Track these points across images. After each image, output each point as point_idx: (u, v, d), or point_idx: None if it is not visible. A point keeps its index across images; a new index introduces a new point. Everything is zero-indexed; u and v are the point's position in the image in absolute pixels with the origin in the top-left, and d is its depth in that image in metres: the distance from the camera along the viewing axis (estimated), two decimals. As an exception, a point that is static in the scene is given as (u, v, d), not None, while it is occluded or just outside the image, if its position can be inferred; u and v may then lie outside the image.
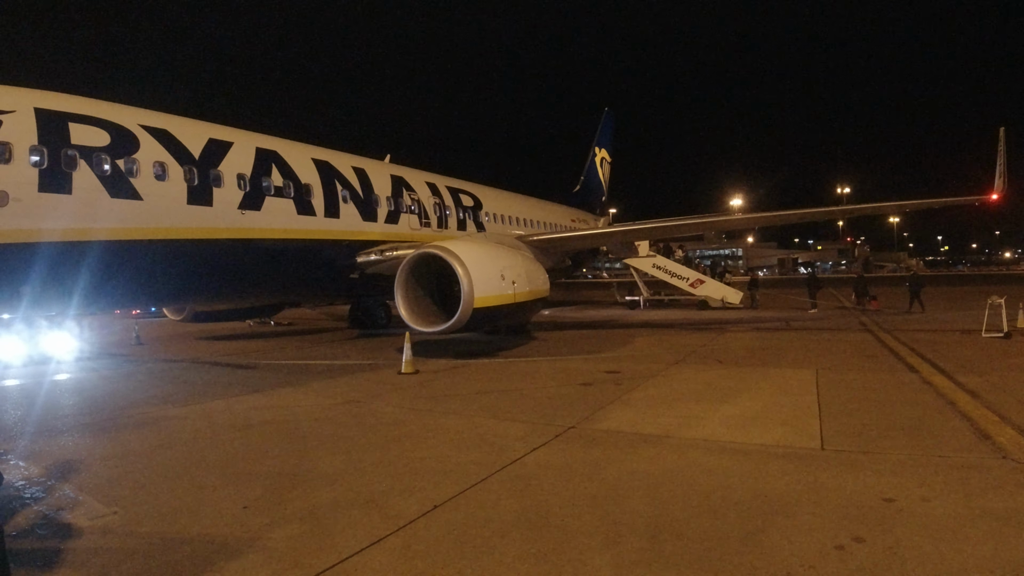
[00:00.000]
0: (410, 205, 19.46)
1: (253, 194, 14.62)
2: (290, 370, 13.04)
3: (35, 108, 11.49)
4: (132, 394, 10.81)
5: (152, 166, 12.70)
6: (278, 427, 8.06)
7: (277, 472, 6.13)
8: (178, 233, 12.97)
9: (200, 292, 15.48)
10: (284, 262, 15.60)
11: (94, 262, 11.82)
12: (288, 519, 4.88)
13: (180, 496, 5.51)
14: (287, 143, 16.80)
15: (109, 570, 4.10)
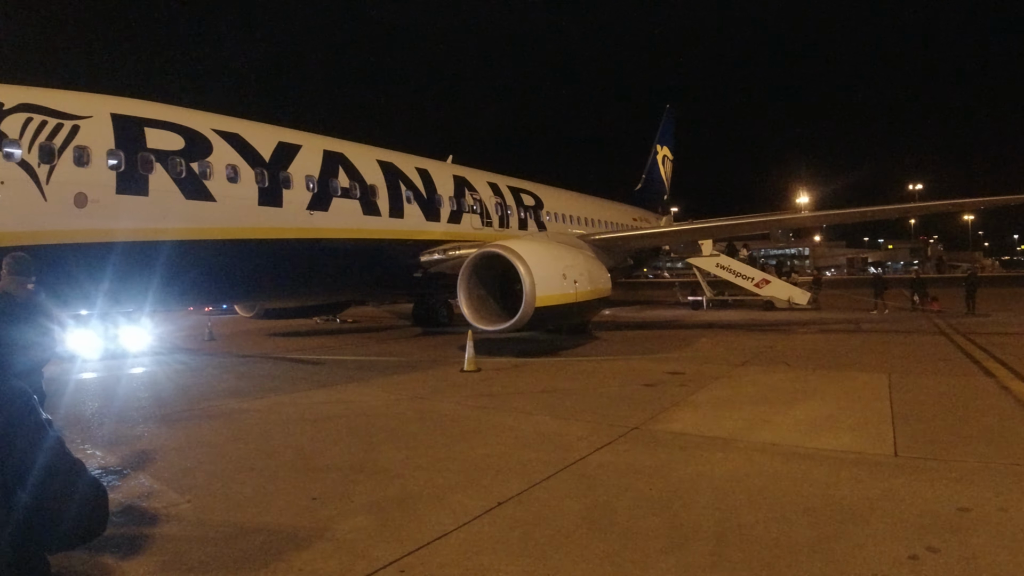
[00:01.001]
0: (472, 205, 19.63)
1: (321, 195, 15.00)
2: (356, 366, 13.31)
3: (112, 114, 12.02)
4: (205, 387, 11.20)
5: (225, 169, 13.17)
6: (345, 421, 8.25)
7: (344, 465, 6.27)
8: (249, 233, 13.41)
9: (270, 290, 15.99)
10: (350, 261, 15.97)
11: (169, 261, 12.29)
12: (355, 511, 4.98)
13: (251, 486, 5.68)
14: (353, 145, 17.17)
15: (184, 556, 4.25)
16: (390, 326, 23.97)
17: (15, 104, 11.07)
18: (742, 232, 32.26)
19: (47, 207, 10.95)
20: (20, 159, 10.78)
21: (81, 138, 11.41)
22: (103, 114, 11.94)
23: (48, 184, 10.99)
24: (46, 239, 10.64)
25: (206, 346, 18.00)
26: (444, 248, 17.72)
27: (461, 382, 10.98)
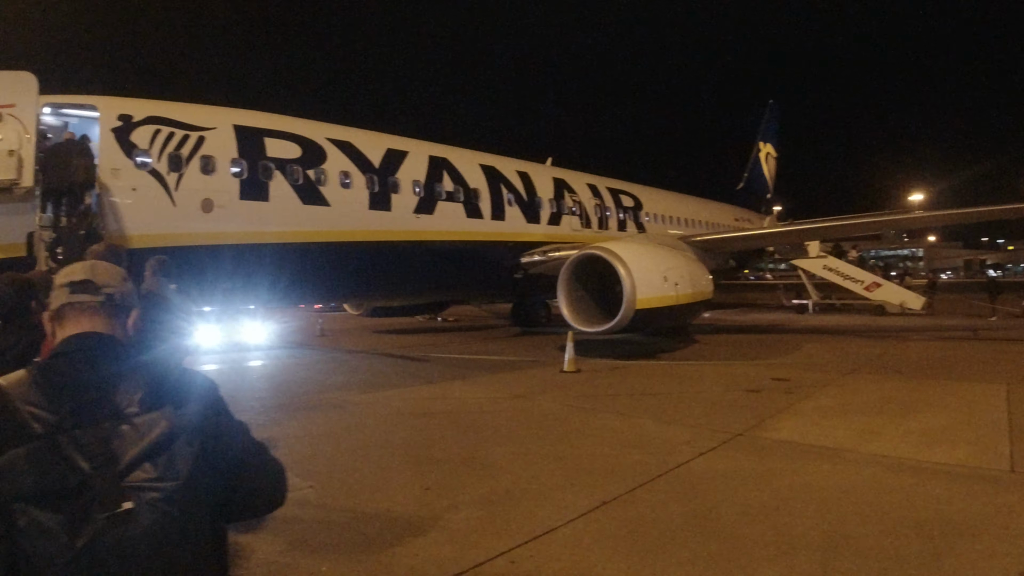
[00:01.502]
0: (571, 207, 19.77)
1: (427, 199, 15.55)
2: (459, 364, 13.70)
3: (234, 125, 12.92)
4: (319, 380, 11.83)
5: (338, 175, 13.89)
6: (451, 417, 8.58)
7: (453, 458, 6.56)
8: (360, 236, 14.10)
9: (377, 289, 16.69)
10: (454, 262, 16.45)
11: (286, 262, 13.11)
12: (466, 503, 5.24)
13: (367, 475, 6.04)
14: (456, 150, 17.66)
15: (307, 538, 4.61)
16: (489, 325, 24.41)
17: (144, 117, 12.03)
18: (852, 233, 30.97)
19: (176, 212, 11.85)
20: (151, 168, 11.72)
21: (207, 148, 12.32)
22: (226, 125, 12.84)
23: (177, 191, 11.90)
24: (175, 241, 11.50)
25: (318, 341, 18.90)
26: (544, 250, 17.95)
27: (562, 382, 11.15)
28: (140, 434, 1.43)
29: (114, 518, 1.35)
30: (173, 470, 1.43)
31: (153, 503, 1.39)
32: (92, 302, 1.57)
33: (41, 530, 1.32)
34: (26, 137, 10.19)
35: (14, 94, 10.38)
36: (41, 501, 1.34)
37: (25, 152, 10.12)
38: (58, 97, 11.76)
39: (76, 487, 1.35)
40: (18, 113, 10.28)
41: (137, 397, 1.47)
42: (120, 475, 1.39)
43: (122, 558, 1.34)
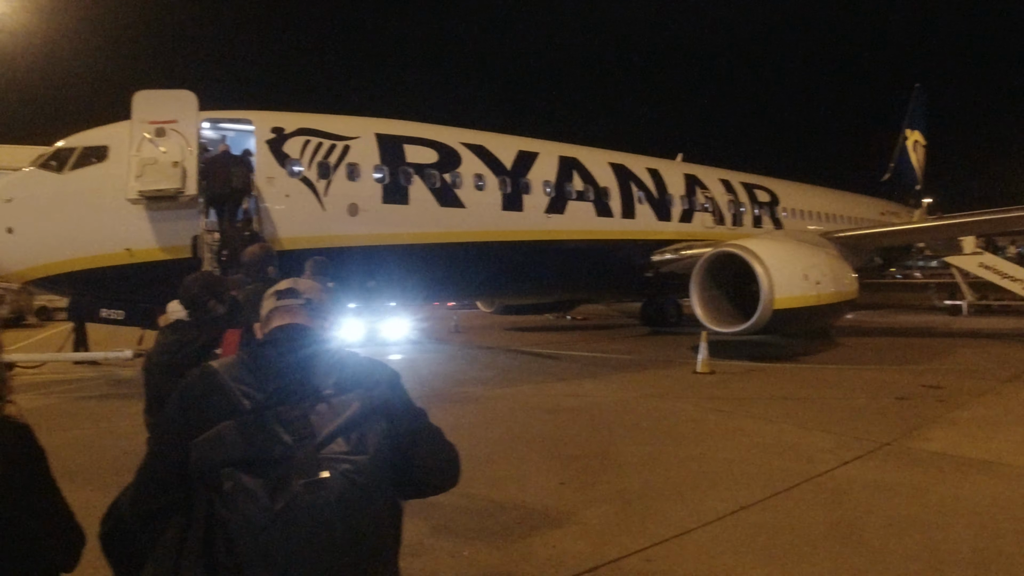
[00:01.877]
0: (703, 203, 19.36)
1: (557, 199, 15.75)
2: (589, 362, 13.80)
3: (376, 133, 13.71)
4: (455, 374, 12.29)
5: (472, 178, 14.38)
6: (584, 414, 8.70)
7: (588, 455, 6.69)
8: (493, 236, 14.52)
9: (509, 288, 17.11)
10: (584, 261, 16.57)
11: (424, 261, 13.79)
12: (601, 499, 5.35)
13: (505, 467, 6.27)
14: (586, 149, 17.75)
15: (449, 523, 4.87)
16: (618, 324, 24.31)
17: (295, 129, 13.01)
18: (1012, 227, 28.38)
19: (325, 216, 12.72)
20: (302, 176, 12.62)
21: (352, 156, 13.15)
22: (369, 134, 13.66)
23: (326, 196, 12.75)
24: (324, 243, 12.30)
25: (453, 337, 19.54)
26: (675, 248, 17.69)
27: (695, 383, 11.02)
28: (335, 412, 1.65)
29: (311, 485, 1.55)
30: (363, 445, 1.64)
31: (345, 474, 1.59)
32: (294, 304, 1.83)
33: (245, 493, 1.54)
34: (188, 150, 11.25)
35: (176, 111, 11.50)
36: (247, 467, 1.56)
37: (188, 163, 11.16)
38: (216, 112, 12.88)
39: (278, 456, 1.57)
40: (180, 128, 11.37)
41: (332, 380, 1.71)
42: (317, 447, 1.60)
43: (314, 521, 1.54)
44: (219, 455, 1.57)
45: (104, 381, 12.64)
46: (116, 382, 12.43)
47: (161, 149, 11.05)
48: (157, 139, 11.13)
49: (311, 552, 1.54)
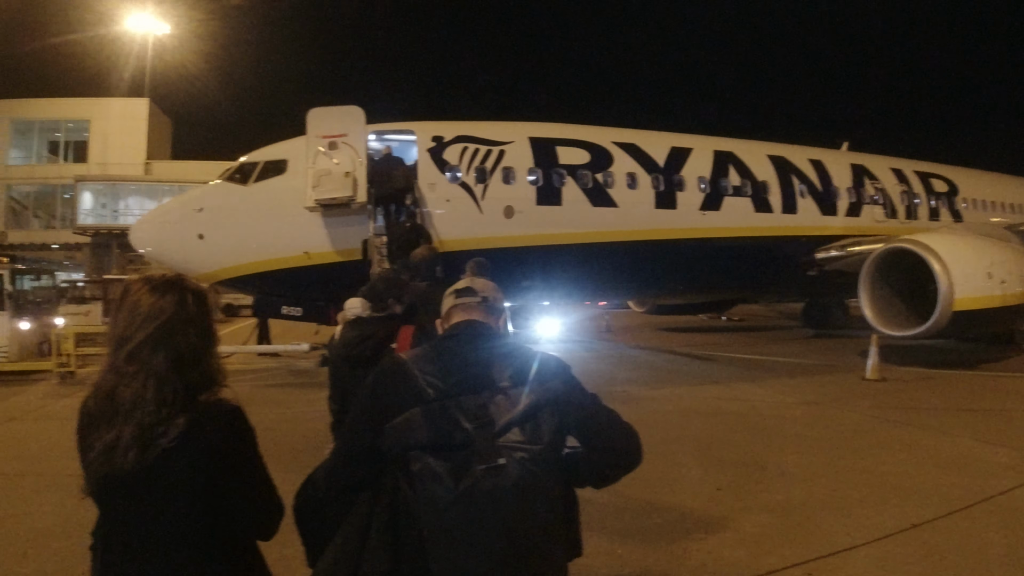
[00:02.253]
0: (873, 195, 18.06)
1: (712, 195, 15.33)
2: (746, 365, 13.40)
3: (529, 137, 14.01)
4: (607, 374, 12.34)
5: (624, 177, 14.33)
6: (742, 419, 8.49)
7: (745, 462, 6.54)
8: (646, 235, 14.39)
9: (663, 287, 16.89)
10: (741, 259, 15.99)
11: (577, 261, 13.93)
12: (759, 508, 5.23)
13: (660, 469, 6.18)
14: (742, 142, 17.12)
15: (604, 521, 4.93)
16: (778, 326, 23.36)
17: (453, 136, 13.62)
18: None
19: (483, 219, 13.21)
20: (461, 181, 13.19)
21: (507, 160, 13.58)
22: (522, 138, 14.02)
23: (483, 200, 13.23)
24: (481, 245, 12.73)
25: (605, 337, 19.58)
26: (842, 244, 16.67)
27: (864, 391, 10.42)
28: (512, 403, 1.76)
29: (489, 470, 1.66)
30: (538, 435, 1.75)
31: (521, 462, 1.69)
32: (472, 302, 2.00)
33: (431, 474, 1.68)
34: (358, 161, 12.11)
35: (346, 125, 12.42)
36: (432, 451, 1.70)
37: (358, 173, 12.01)
38: (381, 125, 13.78)
39: (460, 442, 1.69)
40: (350, 141, 12.26)
41: (508, 373, 1.82)
42: (495, 436, 1.71)
43: (493, 504, 1.66)
44: (408, 439, 1.72)
45: (284, 371, 13.86)
46: (294, 372, 13.62)
47: (334, 161, 11.95)
48: (330, 152, 12.05)
49: (488, 533, 1.66)
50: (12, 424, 8.90)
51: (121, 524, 1.70)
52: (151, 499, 1.66)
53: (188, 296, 1.78)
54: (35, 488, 6.01)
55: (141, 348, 1.68)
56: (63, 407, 9.93)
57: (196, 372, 1.74)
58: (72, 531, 4.71)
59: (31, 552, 4.54)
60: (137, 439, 1.62)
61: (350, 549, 1.82)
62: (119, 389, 1.67)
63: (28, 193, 39.39)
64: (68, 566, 4.22)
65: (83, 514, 5.15)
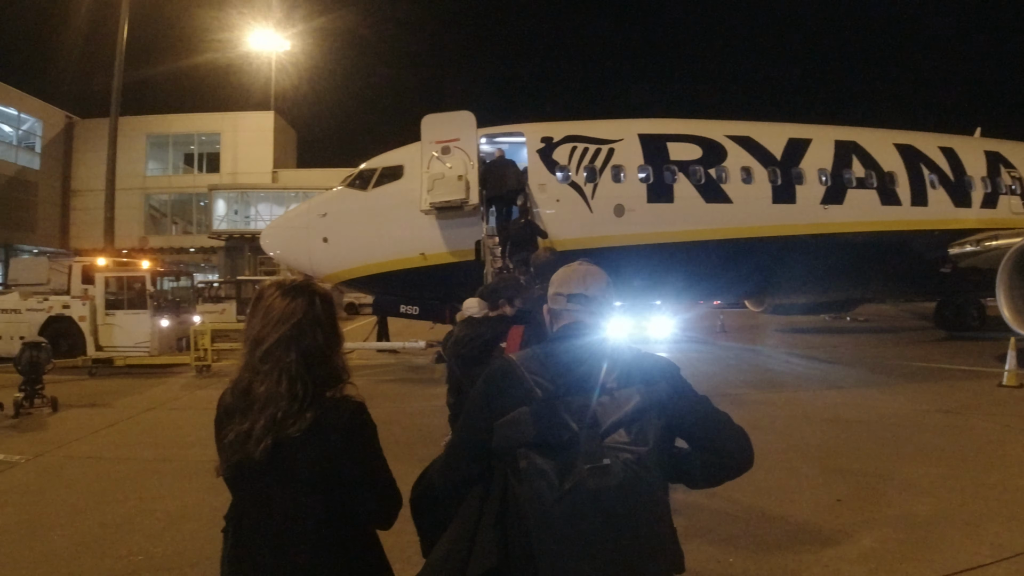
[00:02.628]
0: (1010, 184, 16.69)
1: (834, 188, 14.71)
2: (872, 369, 12.80)
3: (639, 134, 13.92)
4: (722, 376, 12.13)
5: (739, 171, 13.98)
6: (865, 426, 8.17)
7: (869, 472, 6.30)
8: (762, 231, 14.02)
9: (781, 286, 16.30)
10: (866, 255, 15.21)
11: (690, 259, 13.75)
12: (882, 522, 5.05)
13: (776, 477, 6.09)
14: (866, 131, 16.32)
15: (713, 527, 4.93)
16: (907, 327, 22.10)
17: (562, 137, 13.75)
18: None
19: (593, 218, 13.28)
20: (571, 181, 13.30)
21: (616, 158, 13.56)
22: (632, 135, 13.97)
23: (593, 199, 13.29)
24: (592, 244, 12.81)
25: (718, 337, 19.15)
26: (977, 238, 15.55)
27: (1001, 398, 9.76)
28: (617, 404, 1.78)
29: (594, 470, 1.68)
30: (643, 437, 1.76)
31: (626, 463, 1.70)
32: (581, 308, 2.01)
33: (538, 471, 1.71)
34: (470, 164, 12.47)
35: (458, 130, 12.82)
36: (539, 448, 1.73)
37: (471, 176, 12.37)
38: (492, 128, 14.11)
39: (566, 442, 1.72)
40: (462, 145, 12.63)
41: (616, 374, 1.83)
42: (601, 436, 1.73)
43: (597, 504, 1.70)
44: (516, 436, 1.76)
45: (401, 367, 14.43)
46: (412, 368, 14.15)
47: (447, 165, 12.35)
48: (443, 156, 12.46)
49: (593, 533, 1.68)
50: (151, 413, 9.74)
51: (252, 509, 1.88)
52: (280, 486, 1.81)
53: (316, 299, 1.92)
54: (171, 474, 6.60)
55: (275, 347, 1.84)
56: (199, 398, 10.80)
57: (323, 369, 1.89)
58: (204, 514, 5.17)
59: (166, 534, 4.98)
60: (268, 430, 1.78)
61: (461, 542, 1.88)
62: (254, 384, 1.84)
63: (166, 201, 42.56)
64: (200, 547, 4.61)
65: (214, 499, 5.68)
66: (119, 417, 9.30)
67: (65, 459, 7.13)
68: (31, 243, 37.69)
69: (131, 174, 38.15)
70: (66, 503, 5.69)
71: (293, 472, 1.81)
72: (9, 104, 36.92)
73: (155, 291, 14.88)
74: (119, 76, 23.85)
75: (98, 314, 14.33)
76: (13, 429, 8.57)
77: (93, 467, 6.83)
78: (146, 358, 14.14)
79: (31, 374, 9.40)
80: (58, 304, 14.51)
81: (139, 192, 40.37)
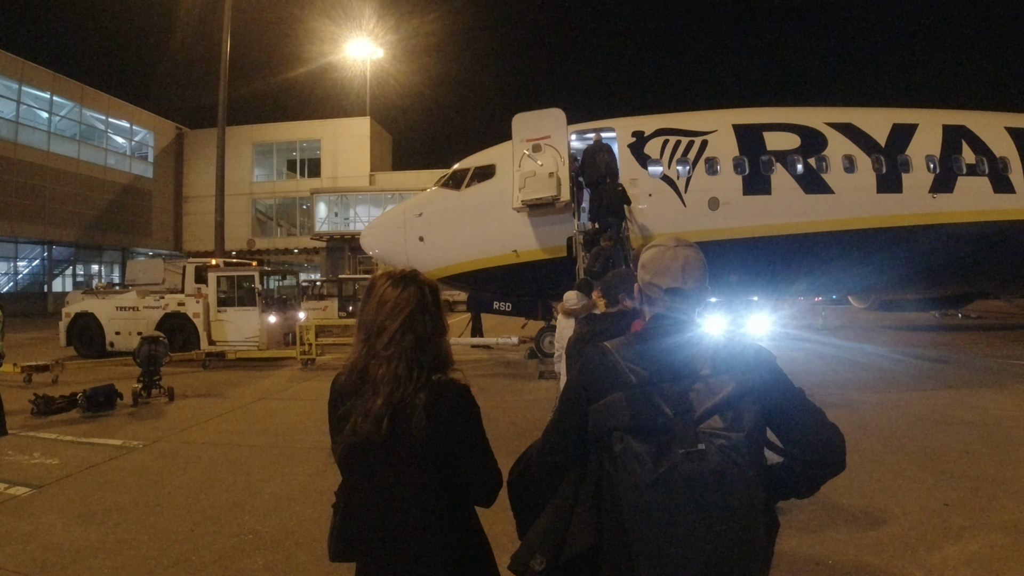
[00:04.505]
0: None
1: (943, 175, 13.95)
2: (985, 369, 12.07)
3: (733, 124, 13.59)
4: (824, 374, 11.68)
5: (840, 160, 13.46)
6: (977, 429, 7.74)
7: (978, 476, 6.01)
8: (866, 223, 13.46)
9: (886, 280, 15.54)
10: (979, 247, 14.31)
11: (788, 253, 13.33)
12: (992, 528, 4.83)
13: (879, 478, 5.93)
14: (975, 114, 15.33)
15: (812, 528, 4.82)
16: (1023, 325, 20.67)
17: (654, 130, 13.59)
18: None
19: (686, 212, 13.09)
20: (663, 174, 13.14)
21: (710, 150, 13.32)
22: (725, 126, 13.66)
23: (686, 192, 13.10)
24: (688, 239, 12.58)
25: (820, 334, 18.48)
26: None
27: None
28: (712, 391, 1.78)
29: (689, 455, 1.71)
30: (738, 424, 1.76)
31: (721, 449, 1.72)
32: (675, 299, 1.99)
33: (633, 455, 1.75)
34: (561, 161, 12.48)
35: (549, 127, 12.87)
36: (634, 432, 1.77)
37: (562, 173, 12.41)
38: (582, 124, 14.09)
39: (660, 426, 1.75)
40: (553, 143, 12.68)
41: (710, 362, 1.84)
42: (696, 422, 1.74)
43: (691, 488, 1.72)
44: (611, 421, 1.80)
45: (494, 363, 14.64)
46: (504, 363, 14.34)
47: (539, 163, 12.45)
48: (534, 154, 12.56)
49: (687, 517, 1.70)
50: (261, 403, 10.28)
51: (364, 485, 1.99)
52: (392, 463, 1.93)
53: (425, 288, 2.05)
54: (279, 459, 6.98)
55: (396, 333, 1.96)
56: (305, 389, 11.33)
57: (431, 354, 2.01)
58: (309, 497, 5.50)
59: (274, 514, 5.26)
60: (386, 409, 1.90)
61: (557, 524, 1.96)
62: (371, 367, 1.97)
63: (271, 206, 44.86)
64: (305, 527, 4.89)
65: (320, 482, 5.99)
66: (231, 406, 9.89)
67: (180, 445, 7.66)
68: (146, 246, 40.55)
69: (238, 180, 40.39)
70: (181, 485, 6.12)
71: (406, 449, 1.91)
72: (121, 117, 39.86)
73: (262, 289, 15.64)
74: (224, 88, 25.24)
75: (211, 311, 15.23)
76: (132, 417, 9.22)
77: (207, 452, 7.31)
78: (255, 352, 14.94)
79: (149, 366, 10.16)
80: (174, 302, 15.51)
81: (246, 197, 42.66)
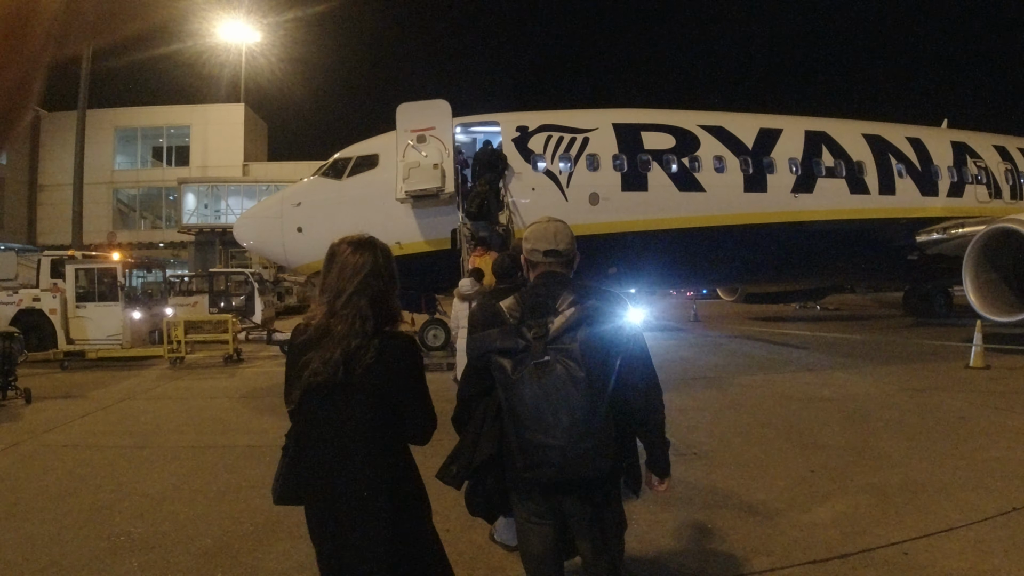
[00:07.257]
0: (976, 174, 17.08)
1: (804, 177, 14.90)
2: (843, 353, 13.03)
3: (613, 123, 13.97)
4: (697, 360, 12.26)
5: (712, 160, 14.10)
6: (837, 405, 8.32)
7: (841, 446, 6.45)
8: (734, 220, 14.16)
9: (753, 275, 16.54)
10: (836, 244, 15.48)
11: (663, 248, 13.81)
12: (855, 490, 5.18)
13: (749, 450, 6.31)
14: (835, 122, 16.52)
15: (696, 497, 5.07)
16: (877, 315, 22.51)
17: (537, 126, 13.75)
18: None
19: (568, 206, 13.26)
20: (546, 169, 13.31)
21: (591, 147, 13.61)
22: (606, 125, 14.01)
23: (568, 187, 13.32)
24: (557, 218, 12.85)
25: (692, 325, 19.35)
26: (944, 226, 15.88)
27: (966, 379, 10.02)
28: (564, 319, 2.30)
29: (538, 364, 2.25)
30: (575, 339, 2.26)
31: (562, 361, 2.24)
32: (554, 261, 2.53)
33: (499, 367, 2.32)
34: (446, 153, 12.39)
35: (434, 118, 12.72)
36: (500, 353, 2.32)
37: (447, 165, 12.30)
38: (467, 117, 14.04)
39: (521, 348, 2.30)
40: (438, 134, 12.56)
41: (567, 301, 2.36)
42: (549, 342, 2.28)
43: (543, 389, 2.23)
44: (486, 346, 2.36)
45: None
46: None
47: (423, 153, 12.29)
48: (419, 145, 12.39)
49: (543, 411, 2.23)
50: (127, 403, 9.58)
51: (315, 423, 2.28)
52: (343, 403, 2.22)
53: (379, 253, 2.34)
54: (149, 459, 6.53)
55: (353, 295, 2.24)
56: (175, 388, 10.68)
57: (384, 310, 2.31)
58: (184, 496, 5.19)
59: (147, 515, 4.92)
60: (343, 357, 2.19)
61: (469, 440, 2.50)
62: (331, 324, 2.24)
63: (134, 196, 41.63)
64: (181, 527, 4.60)
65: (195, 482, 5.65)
66: (94, 407, 9.17)
67: (41, 447, 7.04)
68: (-3, 239, 36.85)
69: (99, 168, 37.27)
70: (44, 490, 5.60)
71: (357, 390, 2.21)
72: (-32, 98, 36.02)
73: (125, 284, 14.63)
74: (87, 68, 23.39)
75: (69, 307, 14.11)
76: (-15, 420, 8.41)
77: (70, 455, 6.74)
78: (118, 351, 13.93)
79: (4, 365, 9.24)
80: (28, 297, 14.25)
81: (107, 187, 39.51)
